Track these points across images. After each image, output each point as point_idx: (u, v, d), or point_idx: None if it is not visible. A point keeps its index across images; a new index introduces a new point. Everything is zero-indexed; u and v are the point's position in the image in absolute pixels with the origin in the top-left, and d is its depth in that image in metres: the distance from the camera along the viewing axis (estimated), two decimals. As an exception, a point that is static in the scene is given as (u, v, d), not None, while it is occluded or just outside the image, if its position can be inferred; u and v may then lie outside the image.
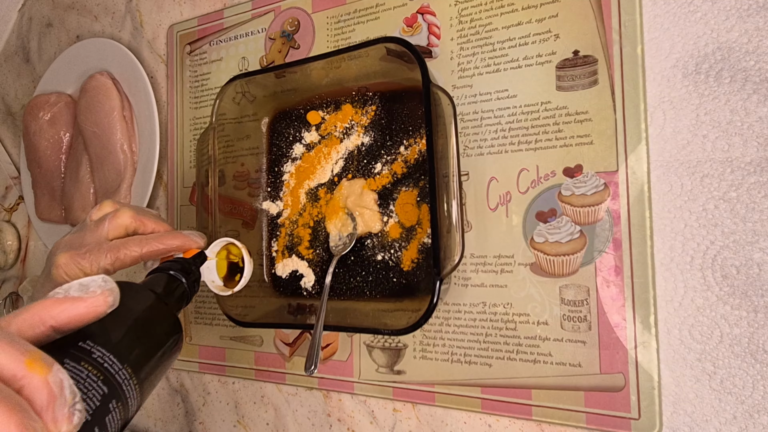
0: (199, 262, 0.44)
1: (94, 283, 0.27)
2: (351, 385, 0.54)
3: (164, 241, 0.43)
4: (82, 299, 0.26)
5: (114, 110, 0.69)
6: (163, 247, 0.43)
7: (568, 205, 0.45)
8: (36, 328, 0.25)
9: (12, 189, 0.88)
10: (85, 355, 0.26)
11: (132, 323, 0.30)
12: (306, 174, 0.56)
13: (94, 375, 0.26)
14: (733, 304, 0.39)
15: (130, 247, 0.42)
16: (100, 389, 0.26)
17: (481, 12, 0.50)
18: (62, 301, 0.26)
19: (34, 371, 0.22)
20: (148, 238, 0.43)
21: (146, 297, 0.34)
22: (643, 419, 0.41)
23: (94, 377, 0.26)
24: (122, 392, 0.27)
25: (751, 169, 0.39)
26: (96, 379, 0.26)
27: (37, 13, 0.88)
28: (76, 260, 0.42)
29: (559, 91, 0.46)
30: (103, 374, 0.26)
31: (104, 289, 0.27)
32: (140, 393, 0.29)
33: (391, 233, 0.51)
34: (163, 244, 0.43)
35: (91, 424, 0.24)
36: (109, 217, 0.44)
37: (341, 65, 0.51)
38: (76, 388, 0.23)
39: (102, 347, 0.27)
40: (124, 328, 0.30)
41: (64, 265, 0.42)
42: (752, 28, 0.40)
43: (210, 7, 0.67)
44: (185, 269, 0.40)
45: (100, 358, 0.27)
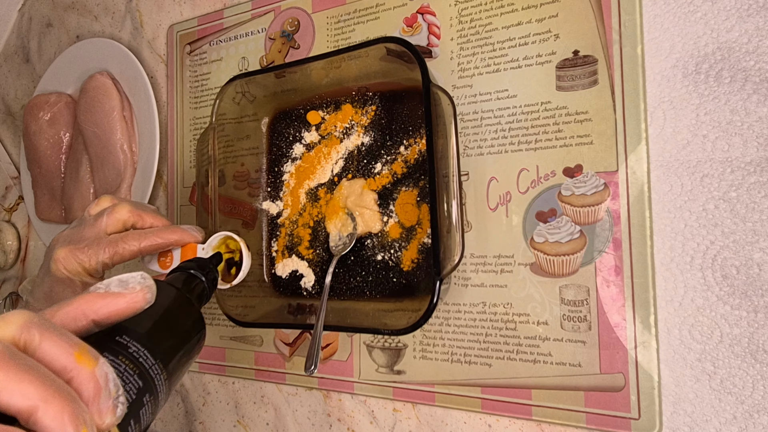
0: (217, 261, 0.44)
1: (133, 280, 0.28)
2: (351, 385, 0.54)
3: (162, 236, 0.43)
4: (122, 295, 0.27)
5: (114, 110, 0.69)
6: (162, 241, 0.43)
7: (568, 205, 0.45)
8: (78, 321, 0.26)
9: (12, 189, 0.88)
10: (122, 349, 0.27)
11: (162, 319, 0.31)
12: (306, 174, 0.56)
13: (131, 369, 0.27)
14: (733, 304, 0.39)
15: (129, 242, 0.42)
16: (136, 383, 0.27)
17: (481, 12, 0.50)
18: (104, 296, 0.27)
19: (83, 364, 0.22)
20: (146, 232, 0.43)
21: (174, 294, 0.35)
22: (643, 419, 0.41)
23: (131, 371, 0.27)
24: (154, 387, 0.28)
25: (751, 169, 0.39)
26: (132, 373, 0.27)
27: (37, 13, 0.88)
28: (75, 254, 0.42)
29: (559, 91, 0.46)
30: (138, 368, 0.27)
31: (143, 286, 0.28)
32: (168, 388, 0.30)
33: (391, 233, 0.51)
34: (161, 238, 0.43)
35: (127, 416, 0.25)
36: (107, 212, 0.44)
37: (341, 65, 0.51)
38: (119, 381, 0.24)
39: (137, 342, 0.28)
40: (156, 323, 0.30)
41: (63, 260, 0.42)
42: (752, 28, 0.40)
43: (210, 7, 0.67)
44: (204, 267, 0.41)
45: (135, 353, 0.27)
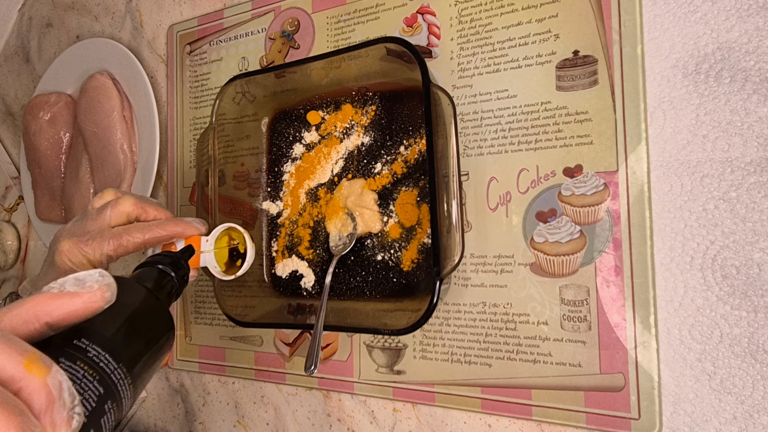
0: (188, 255, 0.43)
1: (90, 278, 0.26)
2: (351, 385, 0.54)
3: (166, 228, 0.44)
4: (78, 294, 0.25)
5: (114, 110, 0.69)
6: (165, 234, 0.43)
7: (568, 205, 0.45)
8: (30, 324, 0.24)
9: (12, 189, 0.88)
10: (81, 353, 0.25)
11: (126, 320, 0.29)
12: (306, 174, 0.56)
13: (90, 375, 0.25)
14: (733, 304, 0.39)
15: (133, 234, 0.42)
16: (96, 390, 0.25)
17: (481, 12, 0.50)
18: (58, 296, 0.24)
19: (33, 373, 0.21)
20: (150, 224, 0.43)
21: (139, 292, 0.32)
22: (643, 419, 0.41)
23: (90, 377, 0.25)
24: (117, 392, 0.26)
25: (751, 169, 0.39)
26: (92, 380, 0.25)
27: (37, 13, 0.88)
28: (79, 246, 0.42)
29: (559, 91, 0.46)
30: (99, 374, 0.25)
31: (101, 284, 0.26)
32: (133, 393, 0.28)
33: (391, 233, 0.51)
34: (164, 230, 0.43)
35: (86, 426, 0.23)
36: (111, 205, 0.44)
37: (341, 65, 0.51)
38: (74, 390, 0.22)
39: (97, 345, 0.26)
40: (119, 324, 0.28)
41: (68, 252, 0.42)
42: (752, 28, 0.40)
43: (210, 7, 0.67)
44: (175, 263, 0.40)
45: (95, 357, 0.26)
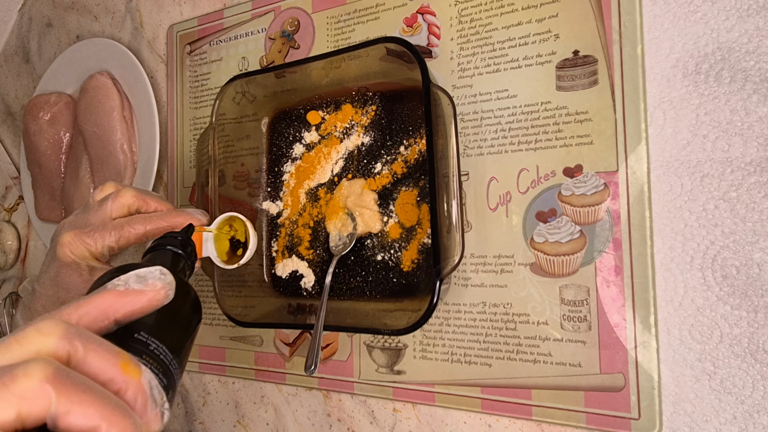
0: (191, 233, 0.43)
1: (152, 276, 0.27)
2: (351, 385, 0.54)
3: (167, 219, 0.44)
4: (143, 293, 0.26)
5: (114, 110, 0.69)
6: (167, 225, 0.43)
7: (568, 205, 0.45)
8: (100, 322, 0.25)
9: (12, 189, 0.88)
10: (144, 347, 0.26)
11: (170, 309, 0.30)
12: (306, 174, 0.57)
13: (155, 368, 0.25)
14: (733, 304, 0.39)
15: (134, 225, 0.43)
16: (162, 382, 0.25)
17: (481, 12, 0.50)
18: (125, 294, 0.25)
19: (129, 374, 0.22)
20: (151, 216, 0.43)
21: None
22: (643, 419, 0.41)
23: (156, 370, 0.25)
24: (174, 383, 0.27)
25: (751, 169, 0.39)
26: (158, 372, 0.25)
27: (37, 13, 0.88)
28: (81, 239, 0.42)
29: (559, 91, 0.46)
30: (161, 367, 0.26)
31: (164, 283, 0.27)
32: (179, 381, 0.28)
33: (391, 233, 0.51)
34: (166, 221, 0.43)
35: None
36: (112, 197, 0.44)
37: (341, 65, 0.51)
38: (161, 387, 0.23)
39: (155, 338, 0.27)
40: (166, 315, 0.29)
41: (69, 244, 0.42)
42: (752, 28, 0.40)
43: (210, 7, 0.67)
44: (183, 244, 0.40)
45: (156, 350, 0.26)
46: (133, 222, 0.43)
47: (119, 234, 0.42)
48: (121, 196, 0.44)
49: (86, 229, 0.43)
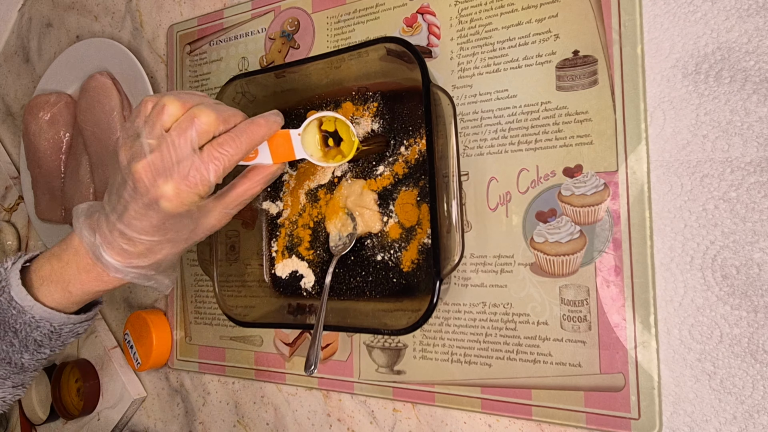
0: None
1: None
2: (351, 385, 0.54)
3: (253, 135, 0.40)
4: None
5: (114, 110, 0.69)
6: (255, 142, 0.40)
7: (568, 205, 0.45)
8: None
9: (12, 189, 0.88)
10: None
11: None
12: (306, 174, 0.57)
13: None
14: (733, 304, 0.39)
15: (228, 151, 0.39)
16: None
17: (481, 12, 0.50)
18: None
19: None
20: (238, 135, 0.39)
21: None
22: (643, 419, 0.41)
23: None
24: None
25: (751, 169, 0.39)
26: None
27: (37, 13, 0.88)
28: (187, 188, 0.38)
29: (559, 91, 0.46)
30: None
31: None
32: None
33: (391, 233, 0.51)
34: (253, 138, 0.40)
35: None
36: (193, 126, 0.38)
37: (341, 65, 0.51)
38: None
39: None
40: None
41: (177, 196, 0.38)
42: (752, 28, 0.40)
43: (210, 7, 0.67)
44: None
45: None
46: (224, 147, 0.39)
47: (218, 167, 0.39)
48: (202, 123, 0.38)
49: (183, 173, 0.38)
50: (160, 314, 0.68)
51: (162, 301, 0.70)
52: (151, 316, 0.67)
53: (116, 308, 0.75)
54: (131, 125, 0.40)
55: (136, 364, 0.67)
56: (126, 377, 0.70)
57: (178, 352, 0.67)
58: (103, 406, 0.72)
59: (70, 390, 0.74)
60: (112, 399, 0.71)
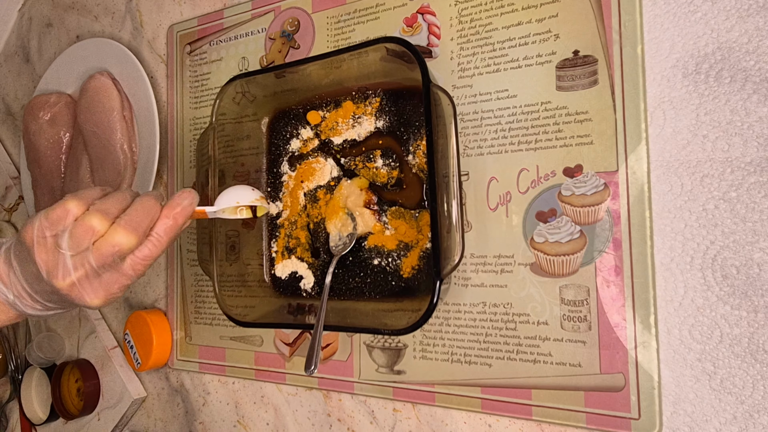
0: None
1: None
2: (351, 385, 0.54)
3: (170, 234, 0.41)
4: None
5: (114, 110, 0.69)
6: (172, 238, 0.41)
7: (568, 205, 0.45)
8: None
9: (12, 189, 0.88)
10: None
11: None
12: (306, 175, 0.57)
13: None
14: (733, 304, 0.39)
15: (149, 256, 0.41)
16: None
17: (481, 12, 0.50)
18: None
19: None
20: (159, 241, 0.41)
21: None
22: (643, 419, 0.41)
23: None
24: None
25: (751, 169, 0.39)
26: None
27: (37, 13, 0.88)
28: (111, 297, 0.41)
29: (559, 91, 0.46)
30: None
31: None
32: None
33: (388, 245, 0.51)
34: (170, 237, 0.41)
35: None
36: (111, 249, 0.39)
37: (341, 65, 0.51)
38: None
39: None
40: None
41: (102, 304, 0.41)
42: (752, 28, 0.40)
43: (210, 7, 0.67)
44: None
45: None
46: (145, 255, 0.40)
47: (140, 272, 0.41)
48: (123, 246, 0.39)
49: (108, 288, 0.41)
50: (160, 314, 0.68)
51: (162, 301, 0.70)
52: (151, 316, 0.67)
53: (116, 308, 0.75)
54: (48, 224, 0.40)
55: (136, 364, 0.67)
56: (126, 377, 0.70)
57: (178, 352, 0.67)
58: (103, 406, 0.72)
59: (70, 390, 0.74)
60: (112, 399, 0.71)
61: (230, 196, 0.46)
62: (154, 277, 0.70)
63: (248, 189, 0.47)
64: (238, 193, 0.46)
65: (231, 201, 0.45)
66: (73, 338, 0.77)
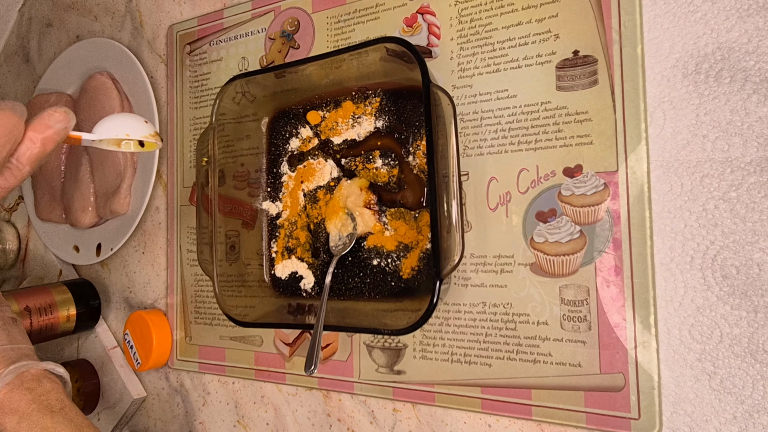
0: None
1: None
2: (351, 385, 0.54)
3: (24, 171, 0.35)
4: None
5: (114, 110, 0.69)
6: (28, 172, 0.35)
7: (568, 205, 0.45)
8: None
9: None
10: None
11: None
12: (306, 176, 0.57)
13: None
14: (733, 304, 0.39)
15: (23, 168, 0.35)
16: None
17: (481, 12, 0.50)
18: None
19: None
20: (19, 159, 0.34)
21: None
22: (643, 419, 0.41)
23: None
24: None
25: (751, 169, 0.39)
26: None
27: (37, 13, 0.88)
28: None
29: (559, 91, 0.46)
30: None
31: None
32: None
33: (387, 246, 0.51)
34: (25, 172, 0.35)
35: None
36: None
37: (341, 65, 0.51)
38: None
39: None
40: None
41: None
42: (752, 28, 0.40)
43: (210, 7, 0.67)
44: None
45: None
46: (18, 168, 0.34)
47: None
48: None
49: None
50: (160, 314, 0.68)
51: (162, 301, 0.70)
52: (151, 316, 0.67)
53: (116, 308, 0.75)
54: None
55: (136, 364, 0.67)
56: (126, 377, 0.70)
57: (178, 352, 0.67)
58: (103, 406, 0.72)
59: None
60: (112, 399, 0.71)
61: (117, 124, 0.39)
62: (154, 277, 0.70)
63: (140, 120, 0.40)
64: (128, 123, 0.40)
65: (119, 131, 0.39)
66: (72, 338, 0.77)
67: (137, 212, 0.68)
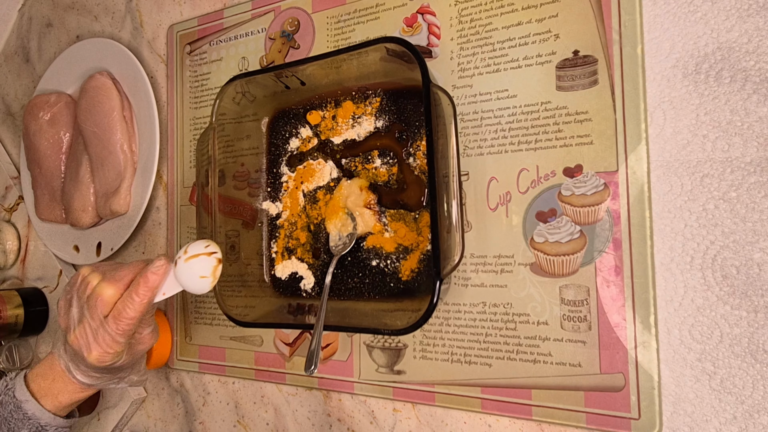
0: None
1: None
2: (351, 385, 0.54)
3: (146, 292, 0.45)
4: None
5: (114, 110, 0.69)
6: (151, 296, 0.46)
7: (568, 205, 0.45)
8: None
9: (12, 189, 0.88)
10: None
11: None
12: (306, 176, 0.57)
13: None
14: (733, 304, 0.39)
15: (127, 315, 0.45)
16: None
17: (481, 12, 0.50)
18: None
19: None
20: (132, 300, 0.45)
21: None
22: (643, 419, 0.41)
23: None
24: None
25: (751, 169, 0.39)
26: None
27: (37, 13, 0.88)
28: (103, 356, 0.46)
29: (559, 91, 0.46)
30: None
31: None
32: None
33: (387, 247, 0.51)
34: (146, 295, 0.45)
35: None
36: (97, 299, 0.46)
37: (341, 65, 0.51)
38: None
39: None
40: None
41: (99, 361, 0.46)
42: (752, 28, 0.40)
43: (210, 7, 0.67)
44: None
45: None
46: (123, 315, 0.45)
47: (123, 331, 0.46)
48: (103, 296, 0.46)
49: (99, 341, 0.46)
50: (160, 314, 0.68)
51: (162, 301, 0.70)
52: (151, 316, 0.67)
53: (116, 308, 0.75)
54: (67, 290, 0.49)
55: (136, 364, 0.67)
56: (126, 377, 0.70)
57: (178, 352, 0.67)
58: (103, 406, 0.72)
59: (70, 390, 0.74)
60: (112, 399, 0.71)
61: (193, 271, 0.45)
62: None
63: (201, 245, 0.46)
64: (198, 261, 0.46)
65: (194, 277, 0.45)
66: (73, 338, 0.77)
67: (137, 212, 0.68)
